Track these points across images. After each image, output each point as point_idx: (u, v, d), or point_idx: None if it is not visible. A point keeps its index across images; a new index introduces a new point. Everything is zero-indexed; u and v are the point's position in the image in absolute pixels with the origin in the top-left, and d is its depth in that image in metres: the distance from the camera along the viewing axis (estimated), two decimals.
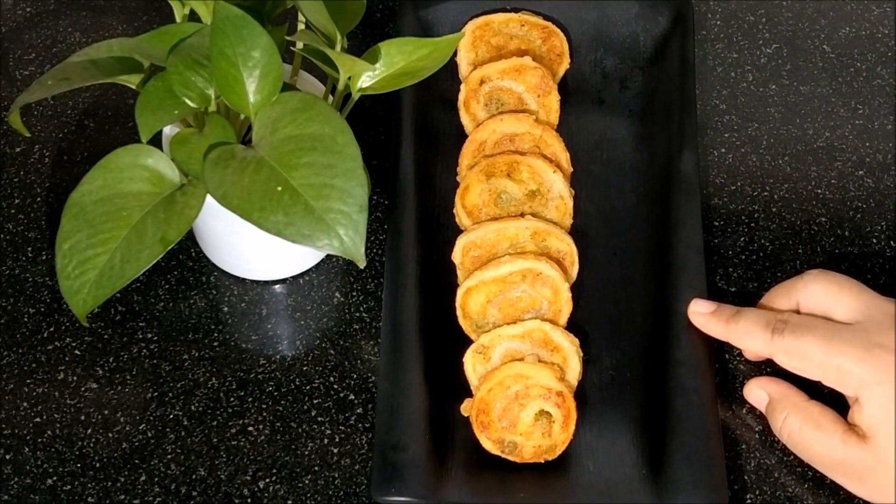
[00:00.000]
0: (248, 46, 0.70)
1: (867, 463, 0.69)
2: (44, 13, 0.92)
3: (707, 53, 0.91)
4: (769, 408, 0.73)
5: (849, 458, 0.69)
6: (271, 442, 0.74)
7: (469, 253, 0.77)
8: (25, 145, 0.85)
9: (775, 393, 0.73)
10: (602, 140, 0.84)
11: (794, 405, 0.72)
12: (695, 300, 0.75)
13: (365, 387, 0.76)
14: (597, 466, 0.72)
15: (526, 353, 0.74)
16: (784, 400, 0.73)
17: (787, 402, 0.72)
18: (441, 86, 0.85)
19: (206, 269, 0.81)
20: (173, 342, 0.78)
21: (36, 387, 0.76)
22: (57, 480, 0.73)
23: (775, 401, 0.73)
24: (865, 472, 0.69)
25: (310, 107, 0.70)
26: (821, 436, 0.70)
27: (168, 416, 0.75)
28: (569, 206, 0.79)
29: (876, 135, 0.87)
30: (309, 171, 0.68)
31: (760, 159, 0.86)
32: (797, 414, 0.72)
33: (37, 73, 0.88)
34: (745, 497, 0.73)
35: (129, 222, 0.70)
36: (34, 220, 0.82)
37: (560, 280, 0.75)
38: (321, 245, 0.68)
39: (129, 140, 0.74)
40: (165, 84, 0.71)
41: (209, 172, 0.69)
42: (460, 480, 0.71)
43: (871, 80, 0.90)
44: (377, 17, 0.92)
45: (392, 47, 0.75)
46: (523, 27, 0.85)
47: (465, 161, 0.81)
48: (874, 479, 0.69)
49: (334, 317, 0.79)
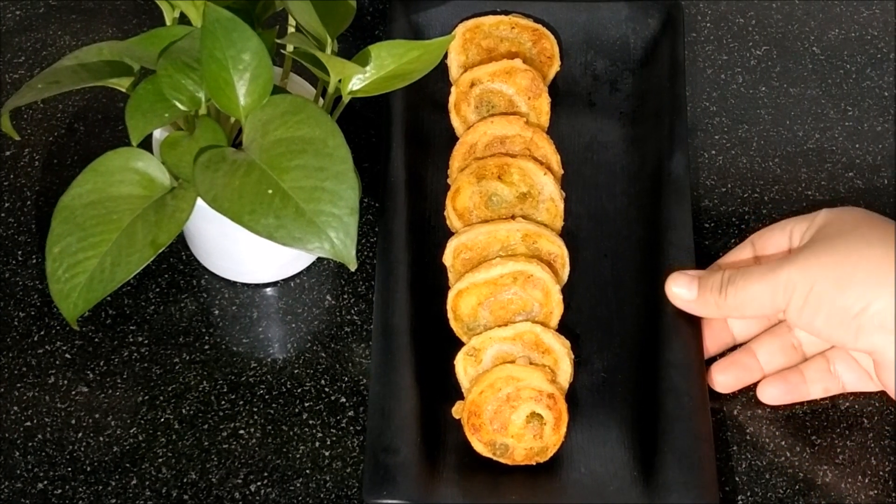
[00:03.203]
0: (238, 49, 0.70)
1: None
2: (33, 17, 0.92)
3: (697, 55, 0.91)
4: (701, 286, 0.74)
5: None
6: (262, 445, 0.74)
7: (460, 255, 0.77)
8: (15, 149, 0.85)
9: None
10: (593, 142, 0.85)
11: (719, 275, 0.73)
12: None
13: (356, 389, 0.76)
14: (588, 468, 0.72)
15: (517, 355, 0.74)
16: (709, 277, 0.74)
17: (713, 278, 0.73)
18: (431, 88, 0.85)
19: (196, 272, 0.80)
20: (164, 346, 0.78)
21: (26, 391, 0.76)
22: (48, 484, 0.73)
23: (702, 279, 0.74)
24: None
25: (300, 109, 0.70)
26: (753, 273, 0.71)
27: (159, 420, 0.75)
28: (560, 209, 0.79)
29: (866, 136, 0.87)
30: (300, 173, 0.68)
31: (751, 161, 0.86)
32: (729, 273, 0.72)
33: (27, 77, 0.88)
34: (737, 498, 0.73)
35: (119, 226, 0.70)
36: (24, 223, 0.82)
37: (551, 282, 0.75)
38: (312, 248, 0.68)
39: (120, 143, 0.74)
40: (156, 87, 0.71)
41: (200, 175, 0.69)
42: (452, 483, 0.71)
43: (861, 81, 0.90)
44: (367, 19, 0.92)
45: (382, 50, 0.75)
46: (513, 30, 0.85)
47: (455, 163, 0.81)
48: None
49: (325, 320, 0.79)
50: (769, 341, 0.76)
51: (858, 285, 0.69)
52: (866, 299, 0.69)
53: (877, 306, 0.69)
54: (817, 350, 0.76)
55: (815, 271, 0.70)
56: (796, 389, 0.75)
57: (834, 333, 0.70)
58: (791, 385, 0.75)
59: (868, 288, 0.69)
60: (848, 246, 0.70)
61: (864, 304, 0.69)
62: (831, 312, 0.69)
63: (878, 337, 0.69)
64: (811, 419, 0.75)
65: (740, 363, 0.75)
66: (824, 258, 0.70)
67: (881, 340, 0.69)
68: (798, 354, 0.76)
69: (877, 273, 0.69)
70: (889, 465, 0.74)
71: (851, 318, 0.69)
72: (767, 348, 0.75)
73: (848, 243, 0.71)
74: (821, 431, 0.75)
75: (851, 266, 0.69)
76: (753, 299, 0.72)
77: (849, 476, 0.73)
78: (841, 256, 0.70)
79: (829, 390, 0.75)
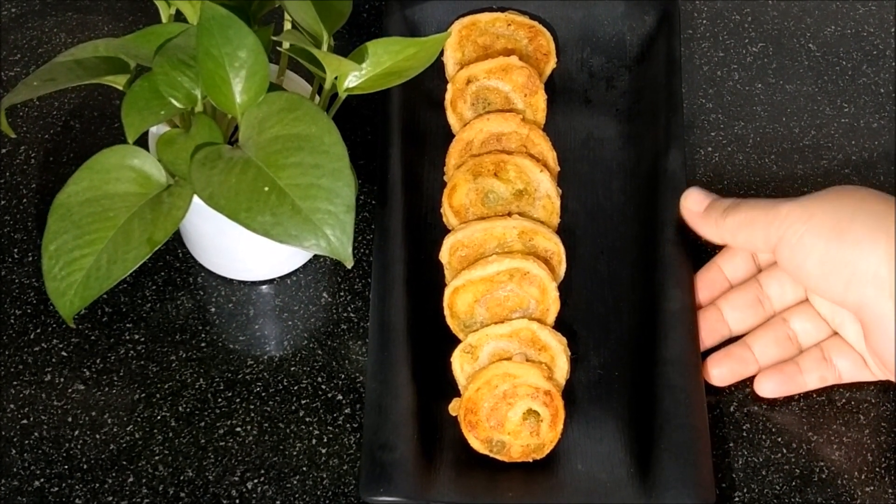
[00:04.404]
0: (234, 46, 0.70)
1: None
2: (29, 13, 0.91)
3: (693, 52, 0.91)
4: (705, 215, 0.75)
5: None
6: (259, 443, 0.74)
7: (456, 252, 0.77)
8: (11, 146, 0.85)
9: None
10: (589, 139, 0.85)
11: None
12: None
13: (353, 387, 0.76)
14: (585, 465, 0.72)
15: (514, 352, 0.74)
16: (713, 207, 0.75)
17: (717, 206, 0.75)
18: (428, 85, 0.85)
19: (193, 269, 0.80)
20: (160, 343, 0.78)
21: (23, 388, 0.76)
22: (44, 482, 0.73)
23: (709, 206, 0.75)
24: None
25: (296, 107, 0.70)
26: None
27: (156, 418, 0.75)
28: (556, 206, 0.79)
29: (862, 133, 0.87)
30: (296, 171, 0.68)
31: (747, 158, 0.86)
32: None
33: (22, 74, 0.88)
34: (733, 495, 0.73)
35: (115, 223, 0.70)
36: (20, 221, 0.82)
37: (547, 279, 0.75)
38: (308, 245, 0.68)
39: (116, 141, 0.74)
40: (152, 84, 0.71)
41: (196, 173, 0.69)
42: (448, 480, 0.71)
43: (857, 78, 0.90)
44: (363, 16, 0.92)
45: (379, 47, 0.75)
46: (510, 26, 0.85)
47: (452, 161, 0.81)
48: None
49: (322, 317, 0.79)
50: (764, 334, 0.76)
51: (856, 232, 0.69)
52: (862, 249, 0.68)
53: (873, 258, 0.68)
54: (812, 341, 0.76)
55: (815, 211, 0.70)
56: (792, 380, 0.75)
57: (823, 281, 0.70)
58: (787, 376, 0.75)
59: (865, 237, 0.69)
60: (851, 202, 0.71)
61: (858, 253, 0.68)
62: (825, 257, 0.69)
63: (869, 290, 0.68)
64: (808, 415, 0.76)
65: (735, 356, 0.75)
66: (826, 206, 0.70)
67: (871, 294, 0.68)
68: (793, 346, 0.76)
69: (875, 226, 0.69)
70: (886, 460, 0.74)
71: (844, 266, 0.69)
72: (762, 340, 0.75)
73: (851, 201, 0.71)
74: (817, 427, 0.75)
75: (851, 215, 0.69)
76: (749, 225, 0.72)
77: (845, 472, 0.74)
78: (843, 207, 0.70)
79: (826, 379, 0.75)
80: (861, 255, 0.68)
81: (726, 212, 0.74)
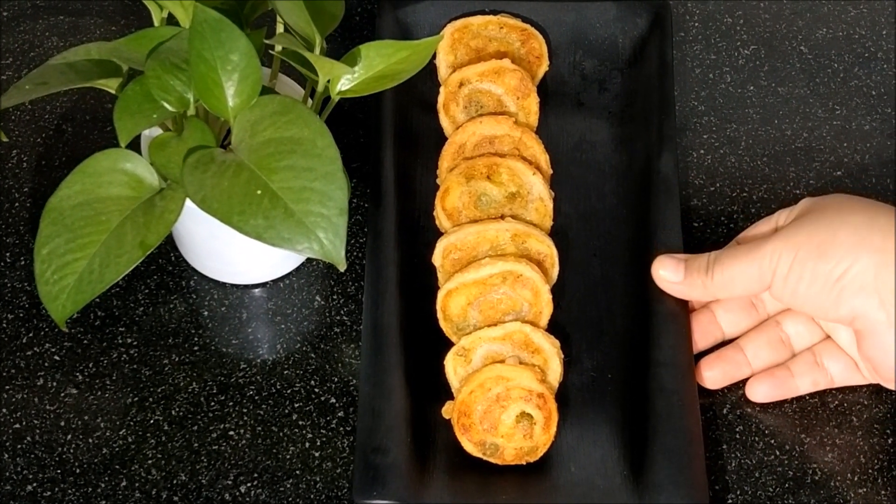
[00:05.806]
0: (226, 50, 0.70)
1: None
2: (21, 17, 0.91)
3: (685, 55, 0.91)
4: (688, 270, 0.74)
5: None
6: (252, 446, 0.74)
7: (449, 255, 0.77)
8: (3, 150, 0.85)
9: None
10: (581, 142, 0.85)
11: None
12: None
13: (346, 390, 0.76)
14: (578, 468, 0.72)
15: (507, 355, 0.74)
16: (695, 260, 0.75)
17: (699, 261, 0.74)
18: (420, 88, 0.85)
19: (185, 273, 0.80)
20: (153, 347, 0.77)
21: (15, 393, 0.76)
22: (37, 486, 0.72)
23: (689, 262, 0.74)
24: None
25: (289, 110, 0.70)
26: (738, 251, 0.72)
27: (149, 421, 0.75)
28: (549, 208, 0.79)
29: (853, 135, 0.87)
30: (288, 174, 0.68)
31: (739, 160, 0.86)
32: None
33: (14, 78, 0.88)
34: (727, 497, 0.73)
35: (108, 227, 0.70)
36: (12, 225, 0.82)
37: (540, 282, 0.75)
38: (301, 248, 0.67)
39: (108, 144, 0.74)
40: (144, 88, 0.71)
41: (188, 176, 0.69)
42: (442, 483, 0.71)
43: (849, 80, 0.90)
44: (356, 19, 0.92)
45: (371, 50, 0.75)
46: (502, 29, 0.86)
47: (444, 163, 0.81)
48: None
49: (315, 320, 0.79)
50: (756, 337, 0.76)
51: (838, 248, 0.69)
52: (847, 262, 0.69)
53: (857, 268, 0.69)
54: (805, 345, 0.76)
55: (799, 240, 0.70)
56: (784, 385, 0.75)
57: (816, 301, 0.70)
58: (779, 380, 0.75)
59: (848, 251, 0.69)
60: (830, 218, 0.71)
61: (844, 266, 0.69)
62: (814, 277, 0.70)
63: (859, 300, 0.69)
64: (800, 417, 0.76)
65: (728, 358, 0.75)
66: (808, 229, 0.71)
67: (861, 303, 0.69)
68: (786, 349, 0.76)
69: (856, 237, 0.69)
70: (878, 462, 0.74)
71: (833, 283, 0.69)
72: (755, 343, 0.75)
73: (830, 216, 0.71)
74: (810, 429, 0.75)
75: (832, 233, 0.70)
76: (740, 276, 0.72)
77: (838, 474, 0.74)
78: (823, 226, 0.71)
79: (818, 383, 0.75)
80: (847, 269, 0.69)
81: (710, 270, 0.73)
